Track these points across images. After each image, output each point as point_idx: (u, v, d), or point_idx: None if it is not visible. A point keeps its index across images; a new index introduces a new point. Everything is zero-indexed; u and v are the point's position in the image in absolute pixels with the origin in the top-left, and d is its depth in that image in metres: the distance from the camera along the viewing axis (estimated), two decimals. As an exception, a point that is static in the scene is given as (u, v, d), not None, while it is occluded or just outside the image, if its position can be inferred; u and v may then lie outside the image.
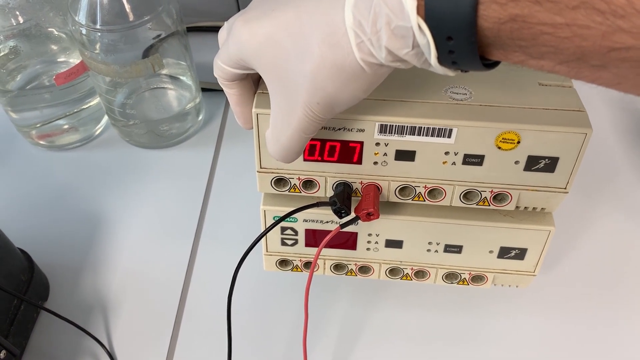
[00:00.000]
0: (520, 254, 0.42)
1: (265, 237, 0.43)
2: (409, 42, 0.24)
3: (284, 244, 0.43)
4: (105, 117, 0.63)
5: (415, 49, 0.25)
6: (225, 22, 0.34)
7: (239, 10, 0.74)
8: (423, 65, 0.26)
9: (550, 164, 0.35)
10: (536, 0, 0.21)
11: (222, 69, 0.33)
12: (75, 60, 0.57)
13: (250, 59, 0.30)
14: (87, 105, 0.60)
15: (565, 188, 0.37)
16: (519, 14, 0.21)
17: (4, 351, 0.41)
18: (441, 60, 0.25)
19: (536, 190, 0.37)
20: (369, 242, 0.42)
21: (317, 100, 0.28)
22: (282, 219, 0.37)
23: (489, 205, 0.38)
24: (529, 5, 0.21)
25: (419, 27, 0.23)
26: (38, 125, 0.59)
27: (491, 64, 0.25)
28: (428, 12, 0.23)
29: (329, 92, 0.28)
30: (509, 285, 0.44)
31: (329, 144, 0.36)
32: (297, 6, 0.28)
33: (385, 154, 0.36)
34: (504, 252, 0.42)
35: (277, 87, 0.30)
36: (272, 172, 0.38)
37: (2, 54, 0.54)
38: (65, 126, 0.60)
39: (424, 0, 0.23)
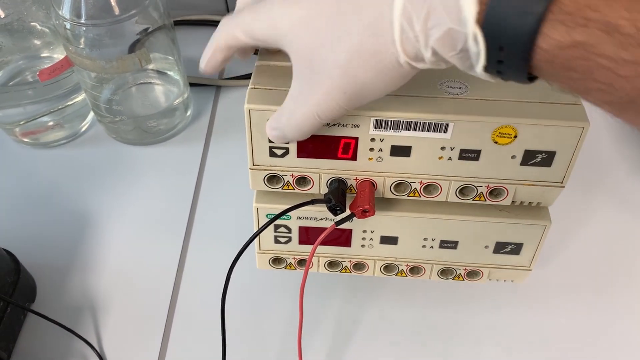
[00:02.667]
0: (516, 248, 0.41)
1: (258, 235, 0.42)
2: (457, 46, 0.23)
3: (277, 241, 0.42)
4: (91, 114, 0.62)
5: (461, 53, 0.24)
6: None
7: (226, 3, 0.73)
8: (465, 67, 0.25)
9: (547, 158, 0.35)
10: (607, 30, 0.19)
11: (235, 39, 0.30)
12: (59, 55, 0.55)
13: (281, 39, 0.29)
14: (72, 102, 0.59)
15: (562, 182, 0.36)
16: (583, 42, 0.20)
17: (-10, 355, 0.40)
18: (487, 68, 0.24)
19: (533, 185, 0.37)
20: (363, 238, 0.42)
21: (344, 89, 0.28)
22: (277, 217, 0.37)
23: (485, 201, 0.38)
24: (597, 35, 0.20)
25: (474, 35, 0.22)
26: (22, 123, 0.58)
27: (534, 77, 0.24)
28: (487, 20, 0.22)
29: (360, 81, 0.27)
30: (505, 280, 0.44)
31: (323, 140, 0.35)
32: None
33: (380, 150, 0.35)
34: (499, 247, 0.41)
35: (305, 69, 0.29)
36: (265, 169, 0.37)
37: (-17, 49, 0.53)
38: (50, 123, 0.59)
39: (486, 5, 0.22)
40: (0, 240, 0.46)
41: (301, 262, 0.44)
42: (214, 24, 0.73)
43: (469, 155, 0.35)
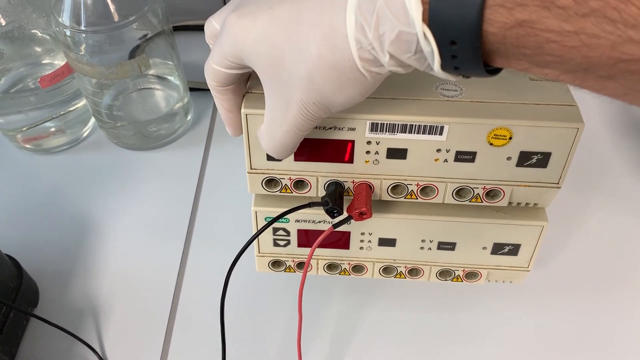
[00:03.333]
0: (514, 249, 0.41)
1: (257, 238, 0.42)
2: (412, 47, 0.24)
3: (276, 244, 0.43)
4: (93, 119, 0.62)
5: (417, 54, 0.24)
6: (211, 17, 0.33)
7: (225, 8, 0.73)
8: (425, 69, 0.25)
9: (542, 160, 0.35)
10: (545, 5, 0.20)
11: (216, 72, 0.31)
12: (60, 62, 0.56)
13: (245, 56, 0.29)
14: (73, 108, 0.59)
15: (557, 183, 0.37)
16: (526, 20, 0.21)
17: (-7, 360, 0.40)
18: (444, 65, 0.24)
19: (529, 186, 0.37)
20: (362, 241, 0.42)
21: (313, 101, 0.28)
22: (274, 220, 0.37)
23: (482, 202, 0.38)
24: (537, 11, 0.20)
25: (424, 34, 0.23)
26: (24, 129, 0.59)
27: (493, 70, 0.25)
28: (432, 17, 0.22)
29: (326, 93, 0.27)
30: (503, 281, 0.44)
31: (319, 144, 0.35)
32: (295, 4, 0.27)
33: (376, 153, 0.36)
34: (497, 248, 0.42)
35: (273, 85, 0.29)
36: (263, 173, 0.37)
37: (-16, 57, 0.53)
38: (52, 129, 0.59)
39: (429, 4, 0.22)
40: (3, 245, 0.46)
41: (300, 265, 0.44)
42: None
43: (465, 157, 0.35)
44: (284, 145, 0.31)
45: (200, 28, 0.73)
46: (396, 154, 0.36)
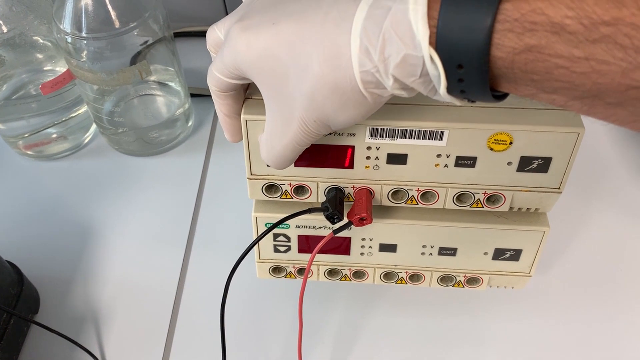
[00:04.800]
0: (515, 255, 0.41)
1: (257, 244, 0.42)
2: (417, 71, 0.24)
3: (276, 250, 0.43)
4: (94, 125, 0.62)
5: (422, 77, 0.24)
6: (214, 25, 0.33)
7: (226, 14, 0.73)
8: (429, 93, 0.25)
9: (543, 165, 0.35)
10: (554, 31, 0.20)
11: (217, 78, 0.31)
12: (61, 68, 0.56)
13: (247, 70, 0.29)
14: (75, 114, 0.60)
15: (559, 188, 0.36)
16: (535, 45, 0.20)
17: (-7, 367, 0.40)
18: (450, 89, 0.24)
19: (530, 191, 0.37)
20: (362, 246, 0.42)
21: (313, 118, 0.28)
22: (274, 226, 0.37)
23: (483, 207, 0.38)
24: (546, 36, 0.20)
25: (431, 57, 0.23)
26: (26, 135, 0.59)
27: (500, 96, 0.25)
28: (440, 40, 0.22)
29: (327, 112, 0.27)
30: (505, 287, 0.44)
31: (319, 149, 0.35)
32: (299, 21, 0.27)
33: (377, 158, 0.36)
34: (498, 254, 0.41)
35: (274, 99, 0.29)
36: (263, 179, 0.37)
37: (-14, 64, 0.54)
38: (54, 135, 0.59)
39: (436, 27, 0.22)
40: (4, 252, 0.46)
41: (301, 271, 0.44)
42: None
43: (465, 162, 0.35)
44: (283, 156, 0.32)
45: (201, 34, 0.74)
46: (396, 159, 0.35)
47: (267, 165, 0.36)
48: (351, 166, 0.36)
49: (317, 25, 0.26)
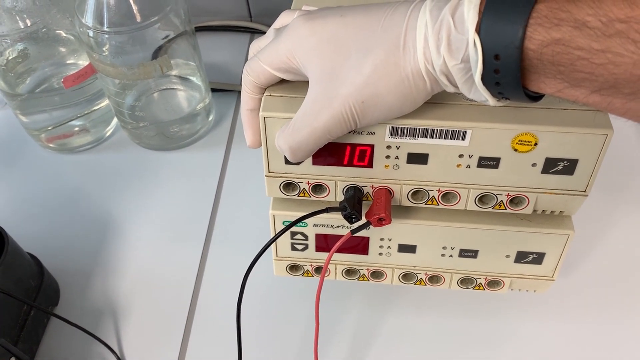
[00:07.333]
0: (538, 258, 0.40)
1: (275, 242, 0.42)
2: (459, 55, 0.26)
3: (294, 248, 0.42)
4: (115, 119, 0.63)
5: (463, 63, 0.26)
6: (267, 31, 0.35)
7: (249, 9, 0.73)
8: (464, 84, 0.27)
9: (569, 167, 0.34)
10: (577, 26, 0.23)
11: (262, 70, 0.33)
12: (84, 62, 0.56)
13: (302, 55, 0.30)
14: (97, 107, 0.60)
15: (584, 191, 0.35)
16: (561, 38, 0.23)
17: (13, 358, 0.40)
18: (485, 78, 0.26)
19: (554, 194, 0.36)
20: (381, 247, 0.41)
21: (362, 99, 0.29)
22: (291, 225, 0.36)
23: (506, 209, 0.37)
24: (570, 31, 0.23)
25: (474, 41, 0.25)
26: (49, 128, 0.59)
27: (534, 97, 0.27)
28: (483, 27, 0.25)
29: (379, 90, 0.29)
30: (527, 290, 0.43)
31: (338, 147, 0.35)
32: (368, 15, 0.30)
33: (396, 157, 0.35)
34: (521, 257, 0.40)
35: (321, 80, 0.30)
36: (281, 177, 0.37)
37: (10, 57, 0.54)
38: (77, 128, 0.60)
39: (482, 15, 0.25)
40: (25, 244, 0.46)
41: (318, 270, 0.44)
42: (235, 29, 0.74)
43: (488, 163, 0.34)
44: (305, 143, 0.32)
45: (222, 29, 0.74)
46: (417, 159, 0.35)
47: (286, 162, 0.36)
48: (370, 165, 0.36)
49: (388, 17, 0.29)
